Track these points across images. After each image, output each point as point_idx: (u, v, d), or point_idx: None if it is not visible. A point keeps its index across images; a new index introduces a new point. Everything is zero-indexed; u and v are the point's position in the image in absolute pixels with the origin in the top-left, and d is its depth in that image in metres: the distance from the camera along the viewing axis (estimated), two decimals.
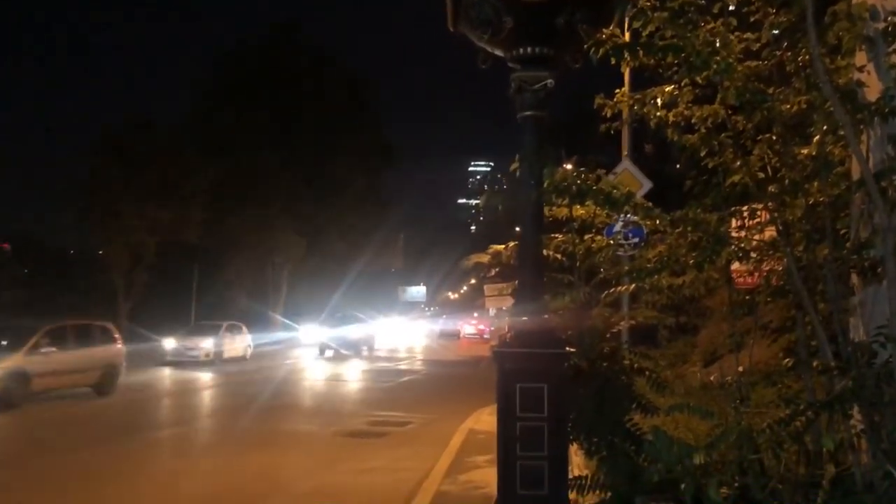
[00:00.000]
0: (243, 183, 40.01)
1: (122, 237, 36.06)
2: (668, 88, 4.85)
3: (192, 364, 24.91)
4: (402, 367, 27.39)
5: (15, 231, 62.74)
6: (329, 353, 31.10)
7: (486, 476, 7.49)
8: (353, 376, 23.32)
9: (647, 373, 5.63)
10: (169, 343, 26.27)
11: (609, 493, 4.82)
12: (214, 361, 25.92)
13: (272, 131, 41.80)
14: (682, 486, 3.81)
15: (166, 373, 22.90)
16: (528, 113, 5.09)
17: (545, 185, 4.94)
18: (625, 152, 11.80)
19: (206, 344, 26.31)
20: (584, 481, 5.07)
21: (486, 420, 11.90)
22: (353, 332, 32.41)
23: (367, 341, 33.84)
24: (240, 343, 29.29)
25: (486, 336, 58.46)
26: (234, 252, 42.83)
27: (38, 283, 47.99)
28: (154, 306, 37.96)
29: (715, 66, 4.17)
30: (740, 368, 5.21)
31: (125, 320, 36.19)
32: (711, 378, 7.49)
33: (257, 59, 43.86)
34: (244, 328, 30.23)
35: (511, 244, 8.18)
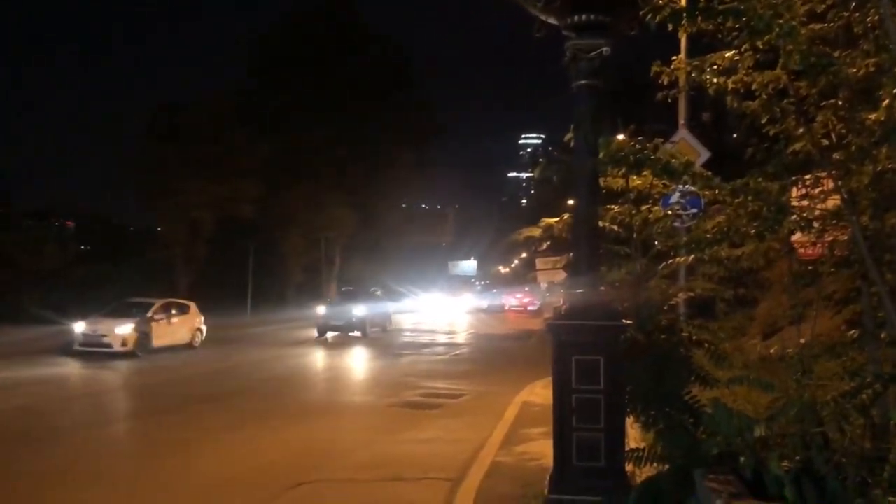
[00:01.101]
0: (295, 159, 40.48)
1: (180, 213, 36.91)
2: (727, 54, 4.72)
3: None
4: (448, 341, 27.50)
5: (80, 210, 64.73)
6: (332, 334, 26.49)
7: (542, 448, 7.51)
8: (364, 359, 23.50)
9: (705, 345, 5.56)
10: (79, 327, 19.98)
11: (666, 466, 4.78)
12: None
13: (322, 107, 42.04)
14: (742, 459, 3.77)
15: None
16: (583, 82, 5.03)
17: (601, 155, 4.89)
18: (681, 121, 11.55)
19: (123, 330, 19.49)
20: (640, 453, 5.05)
21: (540, 393, 11.91)
22: (360, 308, 27.42)
23: (379, 319, 29.41)
24: (182, 327, 22.16)
25: (530, 308, 60.51)
26: (288, 227, 43.41)
27: (101, 260, 49.47)
28: (212, 281, 38.76)
29: (777, 30, 4.03)
30: (802, 341, 5.10)
31: (185, 294, 37.20)
32: (771, 351, 7.33)
33: (307, 35, 44.01)
34: (192, 307, 23.19)
35: (563, 217, 8.11)
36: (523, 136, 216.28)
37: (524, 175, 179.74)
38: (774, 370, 5.57)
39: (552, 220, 8.63)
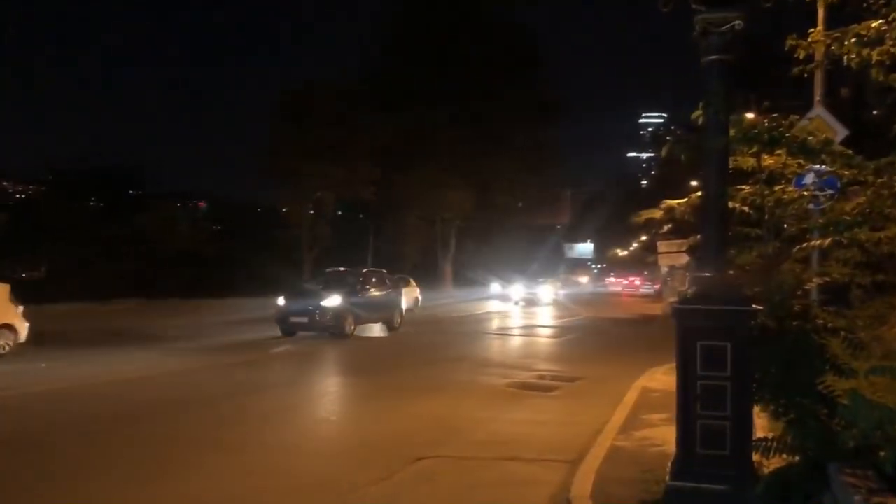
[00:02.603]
0: (414, 140, 41.05)
1: (304, 194, 38.28)
2: (874, 24, 4.43)
3: None
4: (564, 325, 27.26)
5: (210, 191, 68.33)
6: (301, 333, 19.69)
7: (663, 434, 7.37)
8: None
9: (841, 333, 5.27)
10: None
11: (797, 457, 4.59)
12: None
13: (439, 87, 42.36)
14: (882, 453, 3.58)
15: None
16: (713, 57, 4.85)
17: (732, 133, 4.70)
18: (817, 97, 10.89)
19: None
20: (769, 443, 4.87)
21: (660, 379, 11.65)
22: (333, 299, 19.33)
23: (373, 313, 21.28)
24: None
25: (642, 290, 61.29)
26: (405, 208, 44.18)
27: (230, 239, 52.11)
28: (333, 261, 40.07)
29: None
30: None
31: (309, 272, 38.71)
32: None
33: (430, 18, 44.35)
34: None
35: (687, 198, 7.86)
36: (644, 114, 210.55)
37: (644, 155, 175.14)
38: None
39: (674, 202, 8.39)
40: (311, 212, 39.57)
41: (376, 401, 10.33)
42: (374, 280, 22.05)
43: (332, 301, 19.30)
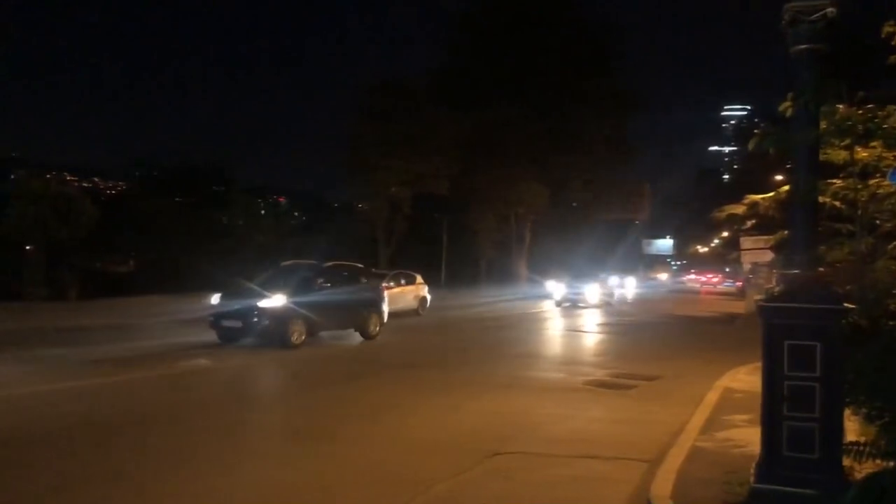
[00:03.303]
0: (488, 135, 40.96)
1: (381, 189, 38.73)
2: None
3: None
4: (641, 322, 26.77)
5: (291, 187, 70.06)
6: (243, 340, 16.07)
7: (746, 435, 7.17)
8: None
9: None
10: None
11: (893, 463, 4.39)
12: None
13: (515, 82, 42.16)
14: None
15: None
16: (803, 46, 4.68)
17: (823, 125, 4.52)
18: None
19: None
20: (861, 448, 4.67)
21: (743, 379, 11.34)
22: (274, 299, 15.66)
23: (337, 318, 17.30)
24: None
25: (720, 287, 61.43)
26: (480, 203, 44.14)
27: (309, 233, 53.20)
28: (409, 255, 40.39)
29: None
30: None
31: (385, 266, 39.21)
32: None
33: (502, 11, 44.20)
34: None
35: (774, 193, 7.61)
36: (726, 107, 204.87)
37: (727, 149, 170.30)
38: None
39: (758, 197, 8.13)
40: (388, 207, 39.98)
41: (446, 396, 10.39)
42: (342, 276, 18.03)
43: (273, 301, 15.49)
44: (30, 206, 35.73)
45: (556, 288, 34.32)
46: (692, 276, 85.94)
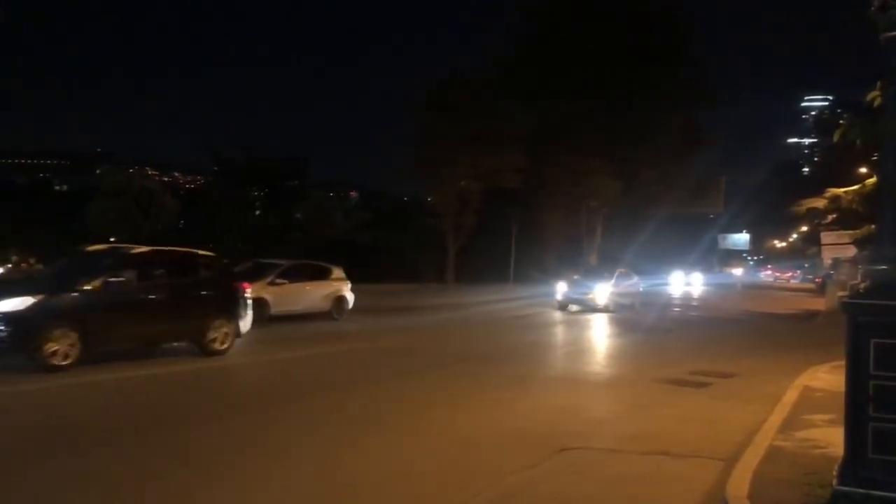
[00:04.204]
0: (559, 128, 40.47)
1: (449, 183, 38.78)
2: None
3: None
4: (715, 317, 26.15)
5: (361, 181, 71.24)
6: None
7: (828, 436, 6.94)
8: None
9: None
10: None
11: None
12: None
13: (586, 73, 41.55)
14: None
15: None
16: (894, 33, 4.48)
17: None
18: None
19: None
20: None
21: (823, 378, 10.98)
22: (12, 302, 10.85)
23: (179, 319, 12.86)
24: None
25: (792, 282, 60.23)
26: (549, 197, 43.67)
27: (379, 228, 53.88)
28: (478, 249, 40.41)
29: None
30: None
31: (453, 261, 39.38)
32: None
33: (575, 3, 43.58)
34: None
35: (860, 186, 7.34)
36: (806, 97, 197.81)
37: (806, 141, 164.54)
38: None
39: (840, 191, 7.85)
40: (456, 201, 39.96)
41: (506, 391, 10.37)
42: (165, 267, 13.08)
43: (15, 304, 10.77)
44: (113, 200, 37.32)
45: (560, 288, 26.98)
46: (769, 272, 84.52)
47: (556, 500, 5.72)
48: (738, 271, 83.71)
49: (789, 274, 76.69)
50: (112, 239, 37.67)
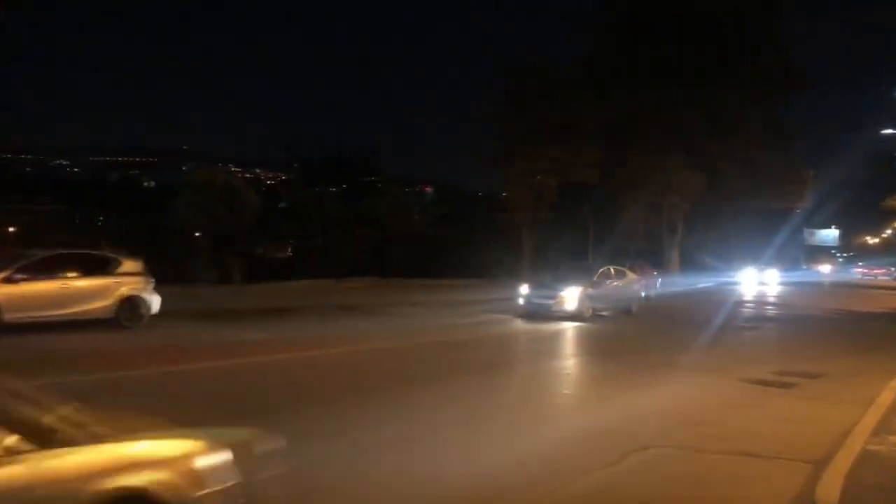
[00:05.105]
0: (637, 121, 39.62)
1: (524, 178, 38.48)
2: None
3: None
4: (806, 315, 25.19)
5: (436, 177, 71.83)
6: None
7: None
8: None
9: None
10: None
11: None
12: None
13: (668, 65, 40.56)
14: None
15: None
16: None
17: None
18: None
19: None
20: None
21: None
22: None
23: None
24: None
25: (879, 279, 64.88)
26: (628, 192, 42.81)
27: (454, 223, 54.15)
28: (554, 245, 40.04)
29: None
30: None
31: (528, 257, 39.11)
32: None
33: None
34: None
35: None
36: None
37: None
38: None
39: None
40: (532, 196, 39.62)
41: (599, 388, 10.23)
42: None
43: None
44: (198, 196, 38.62)
45: (522, 292, 21.38)
46: (860, 269, 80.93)
47: (639, 500, 5.63)
48: (825, 268, 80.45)
49: (881, 271, 73.55)
50: (197, 234, 39.13)
